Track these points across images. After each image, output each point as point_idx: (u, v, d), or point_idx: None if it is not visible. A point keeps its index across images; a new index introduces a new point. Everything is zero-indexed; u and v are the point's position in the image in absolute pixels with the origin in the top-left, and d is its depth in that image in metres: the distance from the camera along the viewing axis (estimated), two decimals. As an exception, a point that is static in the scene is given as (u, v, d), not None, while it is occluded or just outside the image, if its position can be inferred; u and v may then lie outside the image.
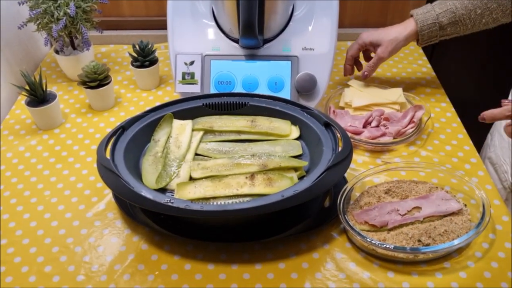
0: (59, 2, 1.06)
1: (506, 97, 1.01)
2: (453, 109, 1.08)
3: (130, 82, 1.20)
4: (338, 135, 0.85)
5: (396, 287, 0.74)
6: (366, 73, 1.03)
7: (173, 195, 0.79)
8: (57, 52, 1.17)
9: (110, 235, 0.83)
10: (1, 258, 0.80)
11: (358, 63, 1.11)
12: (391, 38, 0.97)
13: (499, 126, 1.02)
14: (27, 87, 1.02)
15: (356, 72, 1.15)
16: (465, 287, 0.74)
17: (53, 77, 1.22)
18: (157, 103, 0.96)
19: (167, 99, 1.13)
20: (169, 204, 0.72)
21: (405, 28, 0.98)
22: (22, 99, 1.13)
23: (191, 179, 0.83)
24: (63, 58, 1.16)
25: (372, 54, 1.07)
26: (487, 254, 0.78)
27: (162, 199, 0.73)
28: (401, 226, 0.80)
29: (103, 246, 0.81)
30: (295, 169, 0.83)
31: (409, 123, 1.00)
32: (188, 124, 0.92)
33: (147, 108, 0.96)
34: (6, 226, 0.85)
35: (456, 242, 0.75)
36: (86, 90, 1.08)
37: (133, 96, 1.16)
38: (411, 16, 1.00)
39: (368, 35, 1.01)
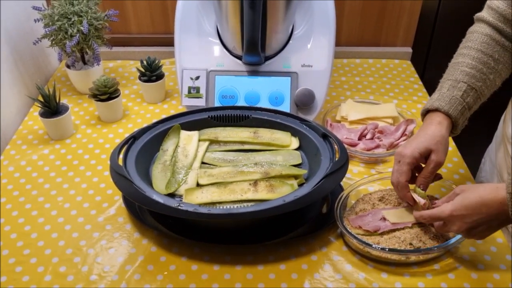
0: (73, 20, 1.12)
1: (496, 114, 1.05)
2: (443, 123, 1.14)
3: (137, 95, 1.26)
4: (335, 146, 0.91)
5: (389, 287, 0.79)
6: (422, 186, 0.84)
7: (181, 200, 0.85)
8: (68, 66, 1.23)
9: (120, 238, 0.88)
10: (18, 258, 0.84)
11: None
12: (438, 139, 0.81)
13: (491, 152, 1.04)
14: (40, 99, 1.07)
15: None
16: (454, 287, 0.79)
17: (63, 90, 1.28)
18: (163, 116, 1.01)
19: (172, 112, 1.20)
20: (179, 207, 0.78)
21: (440, 123, 0.83)
22: (35, 110, 1.19)
23: (198, 185, 0.88)
24: (74, 73, 1.22)
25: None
26: (474, 257, 0.84)
27: (172, 203, 0.79)
28: (393, 231, 0.85)
29: (114, 248, 0.86)
30: (295, 177, 0.89)
31: (401, 136, 1.06)
32: (194, 134, 0.98)
33: (154, 120, 1.01)
34: (22, 229, 0.90)
35: (445, 244, 0.81)
36: (96, 103, 1.13)
37: (140, 109, 1.22)
38: (432, 110, 0.85)
39: (412, 150, 0.81)
